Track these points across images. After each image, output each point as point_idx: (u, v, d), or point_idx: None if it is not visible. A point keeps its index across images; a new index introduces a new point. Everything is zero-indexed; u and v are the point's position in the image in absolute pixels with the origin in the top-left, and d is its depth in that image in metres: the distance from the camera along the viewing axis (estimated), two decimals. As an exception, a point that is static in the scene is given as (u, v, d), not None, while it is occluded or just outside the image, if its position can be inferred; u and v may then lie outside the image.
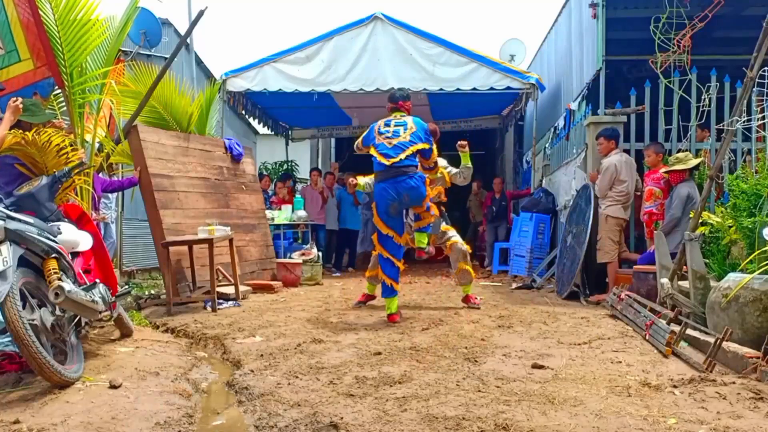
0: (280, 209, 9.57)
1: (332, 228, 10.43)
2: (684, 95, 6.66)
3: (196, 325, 5.12)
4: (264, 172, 11.77)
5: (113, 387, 3.15)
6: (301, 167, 14.44)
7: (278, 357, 3.89)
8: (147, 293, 6.66)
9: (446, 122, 12.51)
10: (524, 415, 2.69)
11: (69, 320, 3.40)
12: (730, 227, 4.55)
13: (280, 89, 9.21)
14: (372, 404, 2.87)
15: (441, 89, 9.10)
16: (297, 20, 46.92)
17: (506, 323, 4.96)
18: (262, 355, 3.95)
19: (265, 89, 9.26)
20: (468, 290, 5.82)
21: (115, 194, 6.91)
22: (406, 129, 5.05)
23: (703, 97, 6.49)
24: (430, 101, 10.91)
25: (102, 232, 4.99)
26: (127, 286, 5.63)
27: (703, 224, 4.78)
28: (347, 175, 10.72)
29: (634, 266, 5.77)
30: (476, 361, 3.69)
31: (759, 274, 3.62)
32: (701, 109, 6.49)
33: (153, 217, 6.31)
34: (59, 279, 3.18)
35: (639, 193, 6.49)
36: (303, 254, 8.39)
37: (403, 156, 4.93)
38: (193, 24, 6.16)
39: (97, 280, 3.74)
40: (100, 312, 3.64)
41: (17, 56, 4.77)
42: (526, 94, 9.38)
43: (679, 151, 6.30)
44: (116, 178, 6.67)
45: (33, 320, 3.04)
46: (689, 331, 3.98)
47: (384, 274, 5.17)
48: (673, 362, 3.63)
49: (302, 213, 9.64)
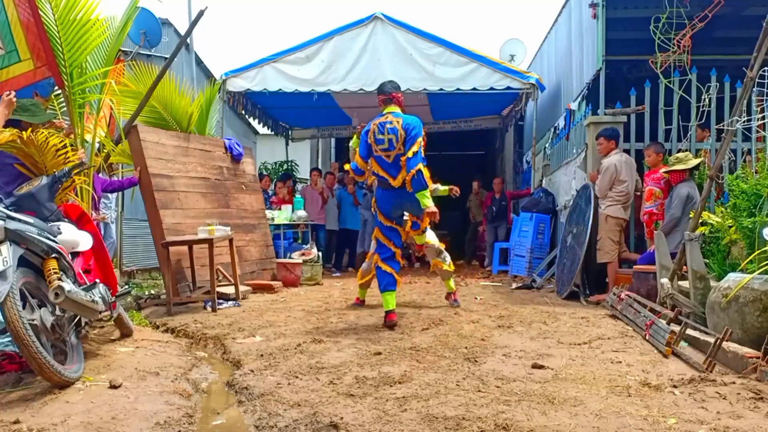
0: (280, 209, 9.57)
1: (332, 228, 10.45)
2: (684, 95, 6.66)
3: (196, 325, 5.12)
4: (264, 172, 11.78)
5: (113, 387, 3.16)
6: (301, 167, 14.44)
7: (278, 357, 3.89)
8: (147, 293, 6.66)
9: (446, 122, 12.53)
10: (524, 415, 2.69)
11: (69, 320, 3.40)
12: (730, 227, 4.55)
13: (280, 89, 9.21)
14: (372, 404, 2.87)
15: (441, 89, 9.11)
16: (297, 20, 46.94)
17: (506, 323, 4.96)
18: (262, 355, 3.95)
19: (265, 89, 9.27)
20: (451, 287, 5.84)
21: (115, 194, 6.91)
22: (398, 138, 4.82)
23: (703, 97, 6.49)
24: (430, 101, 10.92)
25: (102, 232, 4.98)
26: (127, 286, 5.63)
27: (703, 224, 4.78)
28: (347, 175, 10.84)
29: (634, 266, 5.77)
30: (476, 361, 3.69)
31: (759, 274, 3.62)
32: (701, 109, 6.50)
33: (153, 217, 6.31)
34: (59, 279, 3.18)
35: (639, 193, 6.50)
36: (303, 254, 8.39)
37: (408, 177, 4.77)
38: (193, 24, 6.16)
39: (97, 280, 3.74)
40: (100, 312, 3.64)
41: (17, 56, 4.76)
42: (526, 94, 9.38)
43: (679, 151, 6.31)
44: (116, 178, 6.67)
45: (33, 320, 3.04)
46: (689, 331, 3.99)
47: (381, 261, 5.05)
48: (673, 362, 3.63)
49: (302, 213, 9.65)
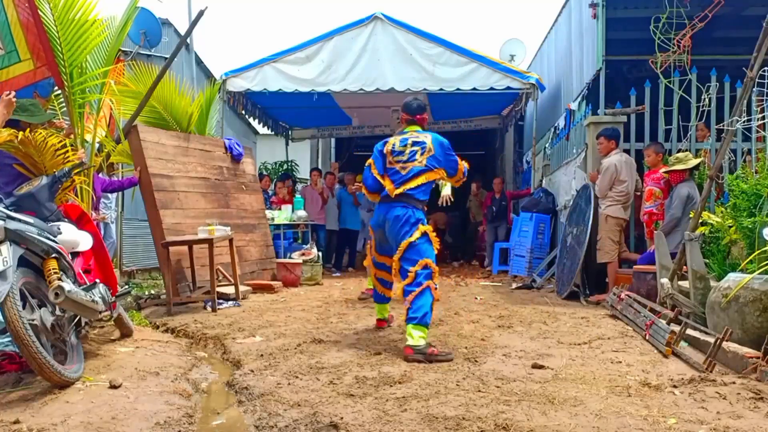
0: (280, 209, 9.57)
1: (332, 228, 10.44)
2: (684, 95, 6.66)
3: (196, 325, 5.12)
4: (264, 172, 11.78)
5: (113, 387, 3.15)
6: (301, 167, 14.44)
7: (278, 357, 3.89)
8: (147, 293, 6.66)
9: (446, 122, 12.53)
10: (524, 415, 2.69)
11: (69, 320, 3.40)
12: (730, 227, 4.55)
13: (280, 89, 9.21)
14: (372, 404, 2.87)
15: (441, 89, 9.11)
16: (297, 20, 46.95)
17: (506, 323, 4.96)
18: (262, 355, 3.95)
19: (265, 89, 9.26)
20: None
21: (115, 194, 6.91)
22: (424, 151, 4.23)
23: (703, 97, 6.49)
24: (430, 101, 10.89)
25: (102, 232, 4.99)
26: (127, 286, 5.63)
27: (703, 224, 4.78)
28: (347, 175, 10.85)
29: (634, 266, 5.77)
30: (476, 361, 3.69)
31: (759, 274, 3.62)
32: (701, 109, 6.50)
33: (153, 217, 6.31)
34: (59, 279, 3.18)
35: (639, 193, 6.50)
36: (303, 254, 8.39)
37: (412, 185, 4.18)
38: (193, 24, 6.16)
39: (97, 280, 3.74)
40: (100, 312, 3.64)
41: (17, 56, 4.76)
42: (526, 94, 9.38)
43: (679, 151, 6.31)
44: (116, 178, 6.67)
45: (33, 320, 3.03)
46: (689, 331, 3.99)
47: (375, 281, 4.69)
48: (673, 362, 3.63)
49: (302, 213, 9.65)
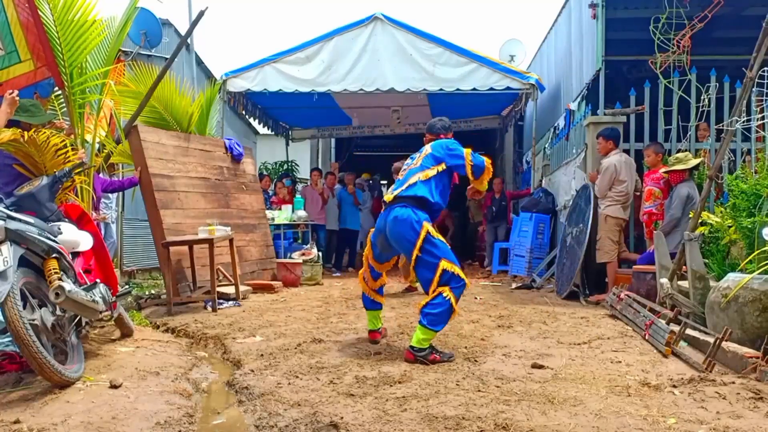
0: (280, 209, 9.58)
1: (332, 228, 10.45)
2: (684, 95, 6.66)
3: (197, 325, 5.12)
4: (264, 172, 11.79)
5: (114, 387, 3.16)
6: (302, 167, 14.45)
7: (278, 357, 3.89)
8: (147, 293, 6.66)
9: (446, 122, 12.53)
10: (524, 415, 2.69)
11: (69, 320, 3.40)
12: (730, 227, 4.55)
13: (281, 89, 9.21)
14: (372, 404, 2.88)
15: (441, 89, 9.10)
16: (297, 20, 46.98)
17: (506, 323, 4.97)
18: (263, 355, 3.96)
19: (266, 89, 9.27)
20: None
21: (116, 194, 6.91)
22: (420, 154, 4.17)
23: (703, 98, 6.50)
24: (430, 101, 10.93)
25: (102, 232, 4.99)
26: (128, 286, 5.63)
27: (703, 224, 4.78)
28: (347, 175, 10.85)
29: (634, 266, 5.77)
30: (476, 361, 3.70)
31: (758, 274, 3.62)
32: (701, 110, 6.50)
33: (153, 217, 6.32)
34: (60, 279, 3.18)
35: (638, 193, 6.50)
36: (303, 254, 8.39)
37: (404, 186, 4.02)
38: (194, 24, 6.17)
39: (98, 280, 3.74)
40: (101, 312, 3.64)
41: (17, 57, 4.77)
42: (526, 95, 9.38)
43: (679, 151, 6.31)
44: (116, 178, 6.68)
45: (33, 320, 3.04)
46: (689, 331, 3.99)
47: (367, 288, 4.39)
48: (673, 362, 3.63)
49: (302, 213, 9.66)
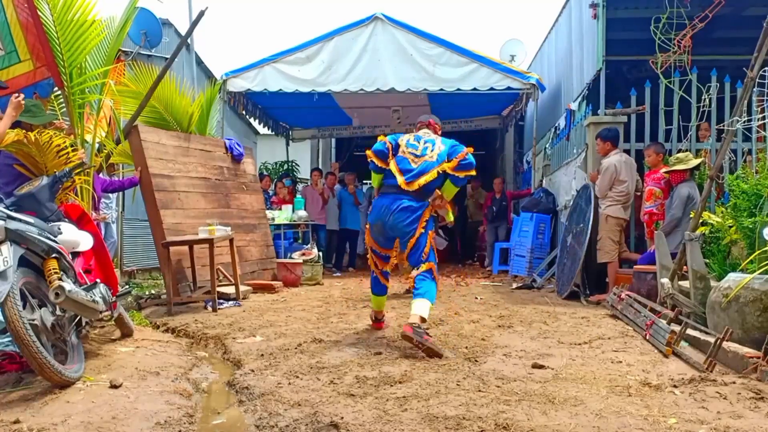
0: (281, 209, 9.58)
1: (333, 228, 10.45)
2: (684, 95, 6.66)
3: (197, 325, 5.12)
4: (264, 172, 11.79)
5: (114, 387, 3.16)
6: (302, 167, 14.46)
7: (279, 357, 3.89)
8: (147, 293, 6.66)
9: (446, 122, 12.48)
10: (524, 415, 2.69)
11: (69, 320, 3.40)
12: (731, 227, 4.55)
13: (281, 89, 9.21)
14: (372, 404, 2.87)
15: (441, 89, 9.11)
16: (297, 20, 47.00)
17: (506, 323, 4.96)
18: (263, 355, 3.95)
19: (266, 89, 9.27)
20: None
21: (116, 194, 6.92)
22: (434, 148, 4.41)
23: (704, 98, 6.49)
24: (431, 101, 10.92)
25: (102, 232, 4.99)
26: (128, 286, 5.64)
27: (704, 224, 4.78)
28: (348, 175, 10.86)
29: (635, 266, 5.77)
30: (476, 361, 3.69)
31: (759, 274, 3.62)
32: (701, 110, 6.49)
33: (153, 217, 6.32)
34: (60, 279, 3.18)
35: (639, 193, 6.50)
36: (303, 254, 8.39)
37: (423, 181, 4.28)
38: (194, 24, 6.17)
39: (98, 280, 3.74)
40: (101, 312, 3.64)
41: (17, 57, 4.78)
42: (527, 95, 9.38)
43: (680, 151, 6.31)
44: (116, 178, 6.68)
45: (33, 320, 3.04)
46: (689, 331, 3.98)
47: (378, 272, 4.66)
48: (674, 362, 3.63)
49: (302, 213, 9.66)
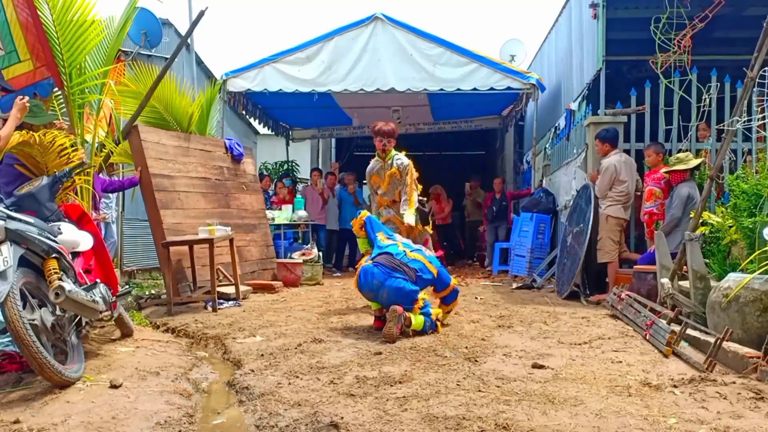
0: (281, 209, 9.57)
1: (333, 228, 10.44)
2: (684, 95, 6.66)
3: (197, 325, 5.12)
4: (264, 172, 11.79)
5: (114, 387, 3.16)
6: (302, 167, 14.45)
7: (279, 357, 3.89)
8: (147, 293, 6.66)
9: (446, 122, 12.55)
10: (525, 415, 2.69)
11: (69, 320, 3.40)
12: (731, 227, 4.55)
13: (281, 89, 9.21)
14: (372, 404, 2.87)
15: (441, 89, 9.11)
16: (297, 20, 47.00)
17: (506, 323, 4.96)
18: (263, 355, 3.95)
19: (266, 89, 9.27)
20: None
21: (116, 194, 6.91)
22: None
23: (704, 98, 6.49)
24: (431, 101, 10.92)
25: (102, 232, 4.99)
26: (128, 286, 5.63)
27: (704, 224, 4.78)
28: (348, 175, 10.85)
29: (635, 266, 5.77)
30: (476, 361, 3.69)
31: (759, 274, 3.62)
32: (701, 110, 6.49)
33: (153, 217, 6.31)
34: (60, 279, 3.18)
35: (639, 193, 6.50)
36: (303, 254, 8.39)
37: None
38: (194, 24, 6.17)
39: (98, 280, 3.74)
40: (101, 312, 3.64)
41: (17, 57, 4.78)
42: (527, 95, 9.38)
43: (680, 151, 6.31)
44: (116, 178, 6.68)
45: (33, 320, 3.04)
46: (689, 331, 3.98)
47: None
48: (674, 362, 3.63)
49: (302, 213, 9.65)
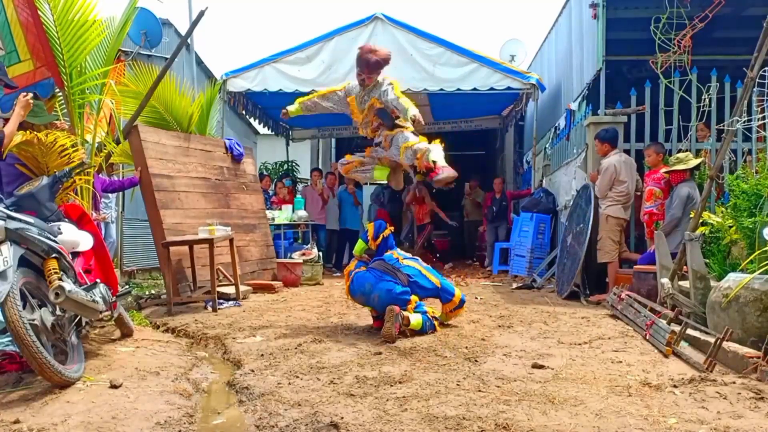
0: (281, 209, 9.57)
1: (333, 228, 10.44)
2: (684, 95, 6.66)
3: (197, 325, 5.12)
4: (264, 172, 11.79)
5: (114, 387, 3.16)
6: (302, 167, 14.45)
7: (279, 357, 3.89)
8: (147, 293, 6.66)
9: (446, 122, 12.53)
10: (525, 415, 2.69)
11: (69, 320, 3.40)
12: (731, 227, 4.55)
13: (281, 89, 9.20)
14: (372, 404, 2.87)
15: (441, 89, 9.10)
16: (297, 20, 46.99)
17: (506, 323, 4.96)
18: (263, 355, 3.95)
19: (266, 89, 9.26)
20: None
21: (116, 194, 6.91)
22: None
23: (704, 98, 6.49)
24: (431, 101, 10.91)
25: (102, 232, 4.99)
26: (128, 286, 5.63)
27: (704, 224, 4.78)
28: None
29: (635, 266, 5.77)
30: (476, 361, 3.69)
31: (759, 274, 3.62)
32: (701, 110, 6.50)
33: (153, 217, 6.31)
34: (60, 279, 3.18)
35: (639, 193, 6.50)
36: (303, 254, 8.39)
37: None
38: (194, 24, 6.17)
39: (98, 280, 3.74)
40: (101, 312, 3.64)
41: (17, 57, 4.78)
42: (527, 95, 9.38)
43: (680, 151, 6.31)
44: (116, 178, 6.68)
45: (33, 320, 3.04)
46: (689, 331, 3.98)
47: None
48: (674, 362, 3.63)
49: (302, 213, 9.65)
